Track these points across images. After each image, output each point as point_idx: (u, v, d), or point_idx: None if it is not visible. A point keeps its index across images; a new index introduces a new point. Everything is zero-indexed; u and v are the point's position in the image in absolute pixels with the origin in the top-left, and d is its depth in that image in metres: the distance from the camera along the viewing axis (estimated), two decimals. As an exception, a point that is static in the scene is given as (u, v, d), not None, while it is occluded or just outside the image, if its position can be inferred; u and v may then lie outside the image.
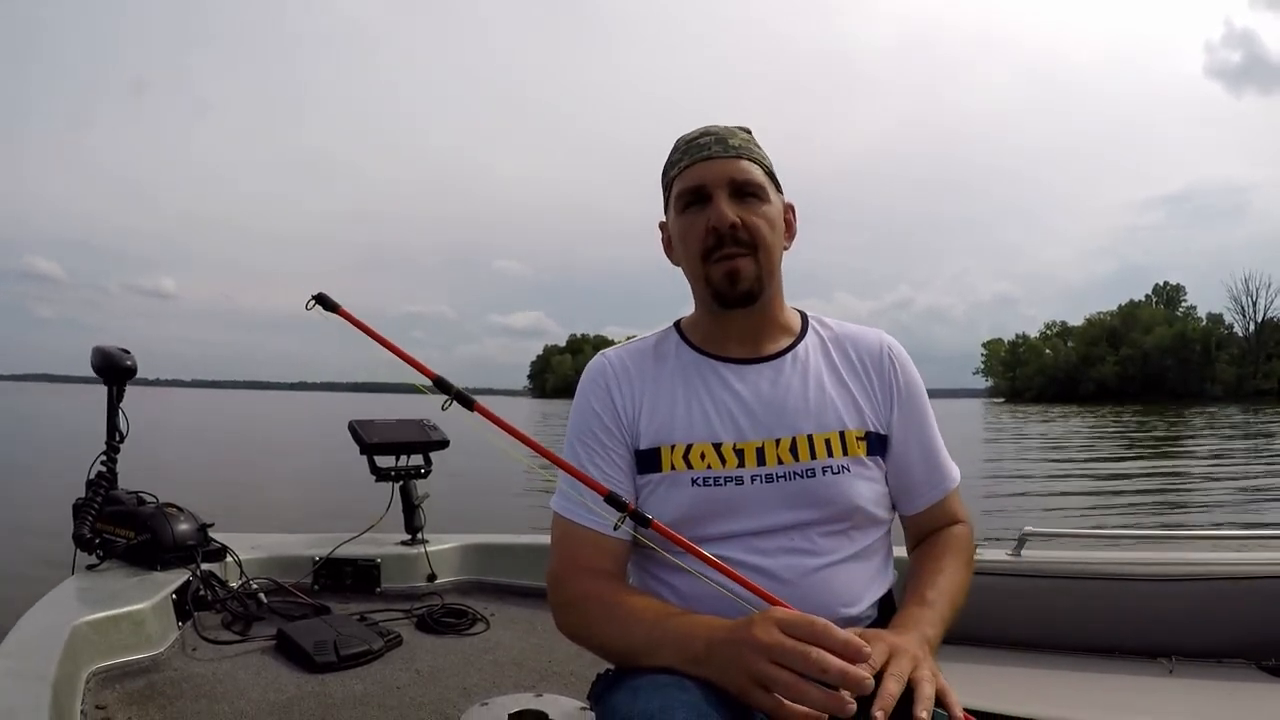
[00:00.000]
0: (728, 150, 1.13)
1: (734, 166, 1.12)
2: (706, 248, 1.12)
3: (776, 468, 1.10)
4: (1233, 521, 7.55)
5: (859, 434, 1.13)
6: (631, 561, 1.18)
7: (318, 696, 1.72)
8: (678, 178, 1.15)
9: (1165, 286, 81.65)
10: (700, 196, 1.12)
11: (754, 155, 1.15)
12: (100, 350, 2.27)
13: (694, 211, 1.13)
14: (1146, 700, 1.56)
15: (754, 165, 1.14)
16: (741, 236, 1.11)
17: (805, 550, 1.09)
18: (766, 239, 1.12)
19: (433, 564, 2.48)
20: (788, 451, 1.10)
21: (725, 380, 1.15)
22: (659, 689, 0.91)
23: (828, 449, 1.11)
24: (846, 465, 1.11)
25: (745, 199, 1.12)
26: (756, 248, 1.12)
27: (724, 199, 1.11)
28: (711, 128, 1.17)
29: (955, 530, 1.21)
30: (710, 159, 1.12)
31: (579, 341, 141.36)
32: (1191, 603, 1.70)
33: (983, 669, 1.72)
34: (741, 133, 1.18)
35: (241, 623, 2.09)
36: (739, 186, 1.12)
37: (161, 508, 2.24)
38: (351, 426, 2.55)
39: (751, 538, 1.09)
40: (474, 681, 1.84)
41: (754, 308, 1.15)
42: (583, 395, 1.19)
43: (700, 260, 1.13)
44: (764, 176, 1.15)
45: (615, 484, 1.10)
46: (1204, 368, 69.58)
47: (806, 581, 1.08)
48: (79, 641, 1.63)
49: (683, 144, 1.17)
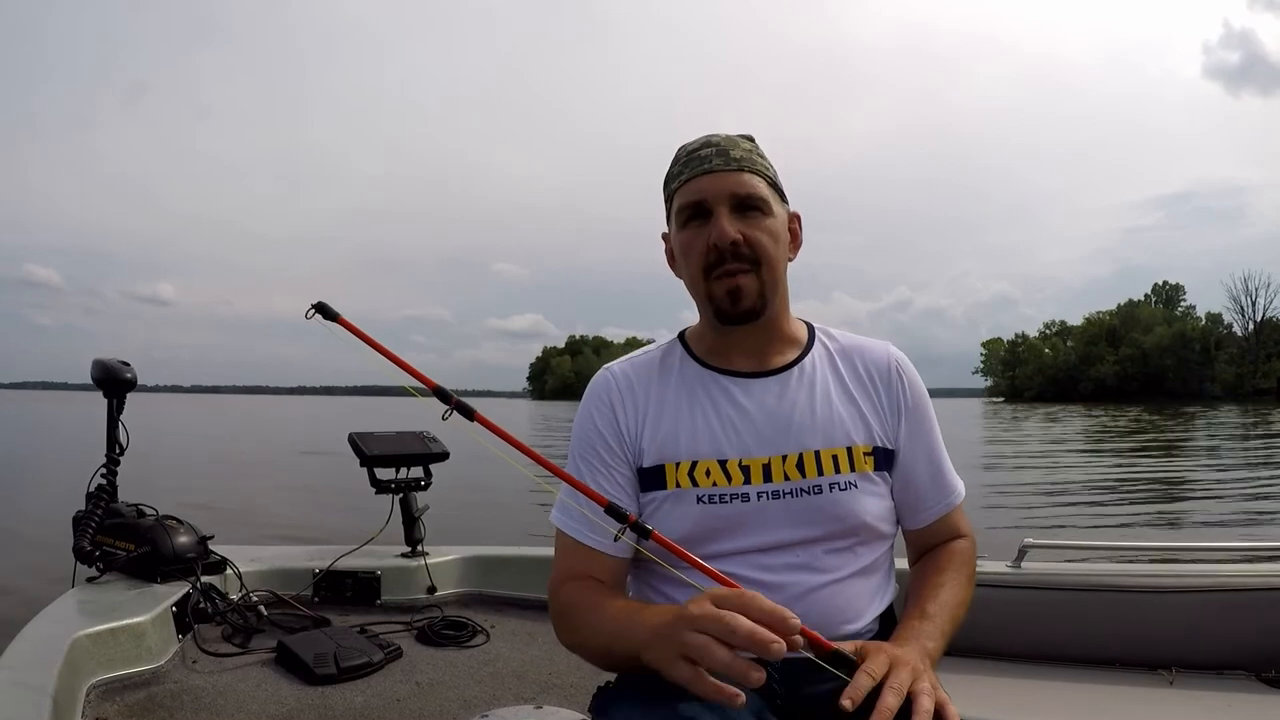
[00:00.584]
0: (729, 163, 1.10)
1: (735, 180, 1.10)
2: (708, 264, 1.10)
3: (784, 484, 1.09)
4: (1233, 534, 7.55)
5: (866, 449, 1.12)
6: (634, 576, 1.18)
7: (318, 709, 1.72)
8: (678, 191, 1.13)
9: (1164, 286, 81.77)
10: (701, 211, 1.11)
11: (756, 167, 1.12)
12: (100, 363, 2.28)
13: (695, 227, 1.11)
14: (1146, 712, 1.56)
15: (756, 178, 1.11)
16: (743, 252, 1.09)
17: (810, 567, 1.09)
18: (769, 254, 1.10)
19: (433, 576, 2.48)
20: (794, 468, 1.09)
21: (731, 395, 1.13)
22: (661, 699, 0.91)
23: (835, 465, 1.10)
24: (854, 481, 1.10)
25: (747, 213, 1.10)
26: (759, 263, 1.10)
27: (725, 214, 1.09)
28: (713, 138, 1.15)
29: (958, 545, 1.21)
30: (711, 172, 1.10)
31: (578, 343, 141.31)
32: (1192, 615, 1.70)
33: (983, 681, 1.72)
34: (744, 142, 1.16)
35: (241, 635, 2.09)
36: (741, 201, 1.10)
37: (161, 520, 2.24)
38: (352, 439, 2.55)
39: (757, 554, 1.08)
40: (474, 694, 1.84)
41: (759, 322, 1.14)
42: (586, 411, 1.18)
43: (702, 277, 1.12)
44: (767, 189, 1.12)
45: (617, 501, 1.11)
46: (1203, 367, 69.63)
47: (810, 598, 1.08)
48: (79, 654, 1.63)
49: (683, 155, 1.15)
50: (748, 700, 0.99)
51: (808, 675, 1.07)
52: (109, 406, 2.29)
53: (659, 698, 0.92)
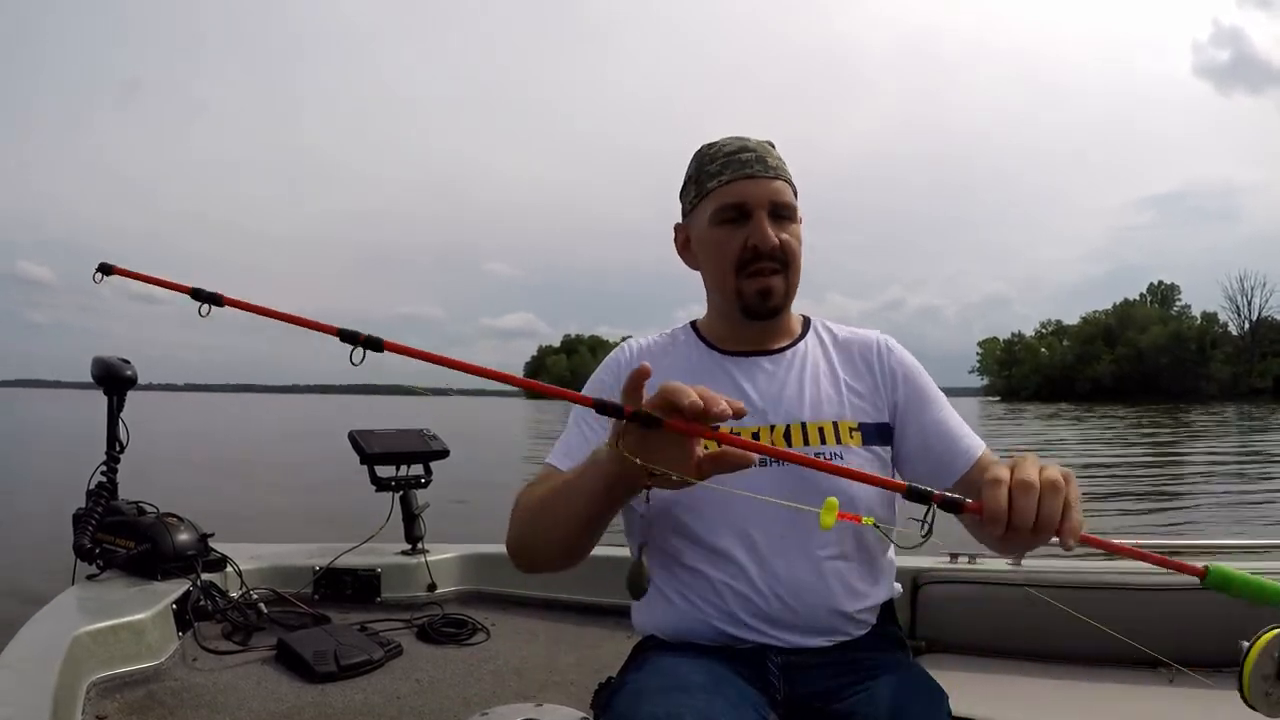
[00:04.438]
0: (768, 170, 1.19)
1: (774, 188, 1.18)
2: (742, 260, 1.17)
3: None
4: (1233, 532, 7.57)
5: (853, 425, 1.17)
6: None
7: (318, 706, 1.72)
8: (718, 190, 1.19)
9: (1160, 285, 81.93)
10: (742, 213, 1.17)
11: (786, 175, 1.21)
12: (100, 360, 2.27)
13: (732, 226, 1.18)
14: (1146, 710, 1.57)
15: (787, 186, 1.20)
16: (778, 255, 1.17)
17: (797, 539, 1.11)
18: (798, 258, 1.20)
19: (433, 574, 2.48)
20: (782, 438, 1.14)
21: (728, 370, 1.21)
22: (663, 694, 0.92)
23: (821, 437, 1.14)
24: (840, 454, 1.13)
25: (781, 220, 1.18)
26: (788, 266, 1.19)
27: (766, 220, 1.16)
28: (749, 142, 1.21)
29: None
30: (754, 177, 1.17)
31: (574, 341, 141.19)
32: (1191, 612, 1.70)
33: (982, 679, 1.73)
34: (775, 150, 1.23)
35: (242, 633, 2.09)
36: (778, 208, 1.18)
37: (162, 518, 2.24)
38: (352, 436, 2.55)
39: (745, 525, 1.11)
40: (474, 691, 1.84)
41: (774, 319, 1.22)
42: (597, 376, 1.26)
43: (734, 273, 1.18)
44: (793, 197, 1.21)
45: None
46: (1199, 366, 69.77)
47: (798, 574, 1.10)
48: (79, 652, 1.63)
49: (720, 155, 1.21)
50: (748, 698, 1.00)
51: (808, 672, 1.08)
52: (109, 404, 2.29)
53: (659, 695, 0.93)
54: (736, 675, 1.04)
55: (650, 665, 1.06)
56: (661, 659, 1.07)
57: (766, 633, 1.10)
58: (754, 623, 1.10)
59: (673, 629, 1.15)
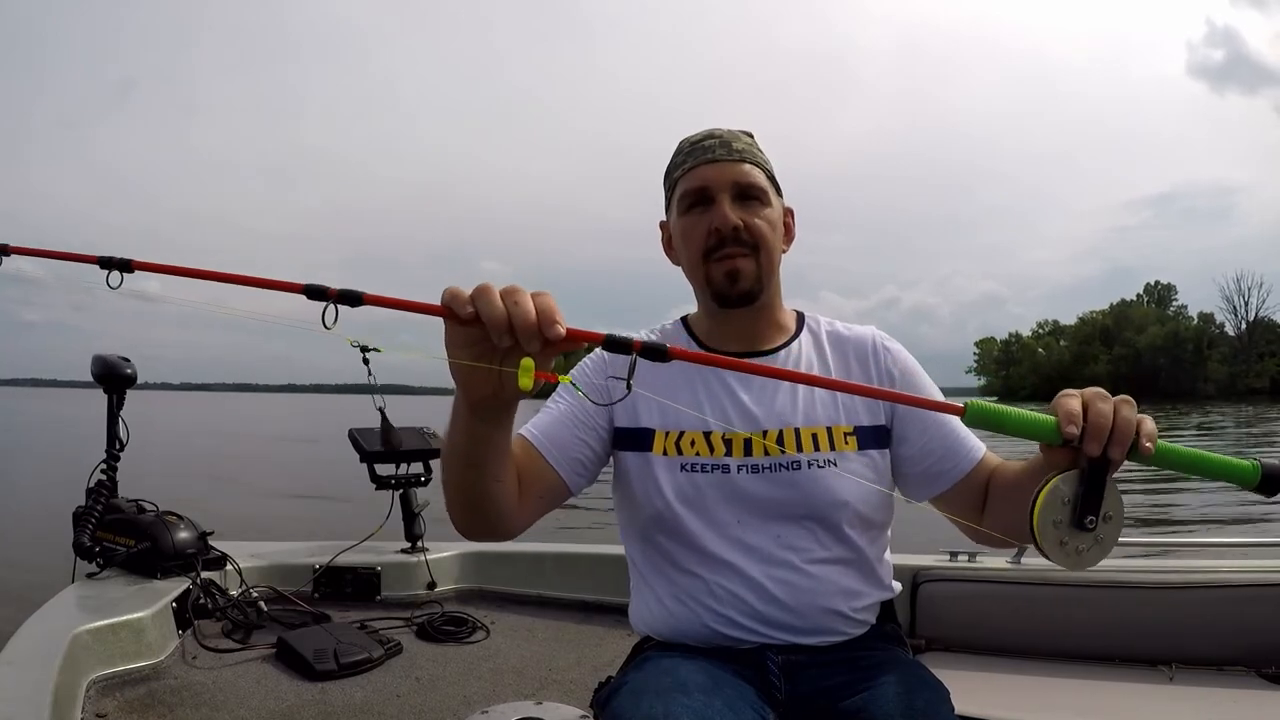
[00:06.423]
0: (731, 154, 1.16)
1: (737, 170, 1.15)
2: (708, 248, 1.15)
3: (763, 459, 1.12)
4: (1233, 530, 7.57)
5: (847, 430, 1.14)
6: (646, 552, 1.19)
7: (318, 704, 1.72)
8: (681, 179, 1.18)
9: (1157, 286, 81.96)
10: (704, 198, 1.15)
11: (757, 159, 1.18)
12: (100, 359, 2.27)
13: (697, 213, 1.16)
14: (1147, 707, 1.57)
15: (756, 169, 1.17)
16: (743, 237, 1.14)
17: (791, 546, 1.11)
18: (767, 240, 1.16)
19: (433, 572, 2.48)
20: (775, 444, 1.12)
21: (720, 373, 1.18)
22: (662, 694, 0.92)
23: (814, 443, 1.12)
24: (833, 460, 1.12)
25: (748, 202, 1.15)
26: (758, 248, 1.15)
27: (727, 201, 1.14)
28: (716, 130, 1.20)
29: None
30: (715, 161, 1.15)
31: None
32: (1192, 610, 1.71)
33: (983, 677, 1.73)
34: (745, 136, 1.21)
35: (242, 631, 2.09)
36: (742, 190, 1.15)
37: (161, 516, 2.24)
38: (352, 435, 2.55)
39: (737, 528, 1.11)
40: (474, 690, 1.84)
41: (753, 308, 1.18)
42: (582, 365, 1.22)
43: (701, 260, 1.16)
44: (766, 180, 1.18)
45: (580, 440, 1.14)
46: (1196, 366, 69.78)
47: (791, 577, 1.10)
48: (79, 649, 1.63)
49: (687, 145, 1.20)
50: (746, 698, 1.00)
51: (809, 671, 1.08)
52: (109, 402, 2.29)
53: (657, 695, 0.93)
54: (736, 676, 1.03)
55: (649, 665, 1.06)
56: (661, 659, 1.07)
57: (764, 633, 1.10)
58: (751, 624, 1.10)
59: (669, 631, 1.15)
